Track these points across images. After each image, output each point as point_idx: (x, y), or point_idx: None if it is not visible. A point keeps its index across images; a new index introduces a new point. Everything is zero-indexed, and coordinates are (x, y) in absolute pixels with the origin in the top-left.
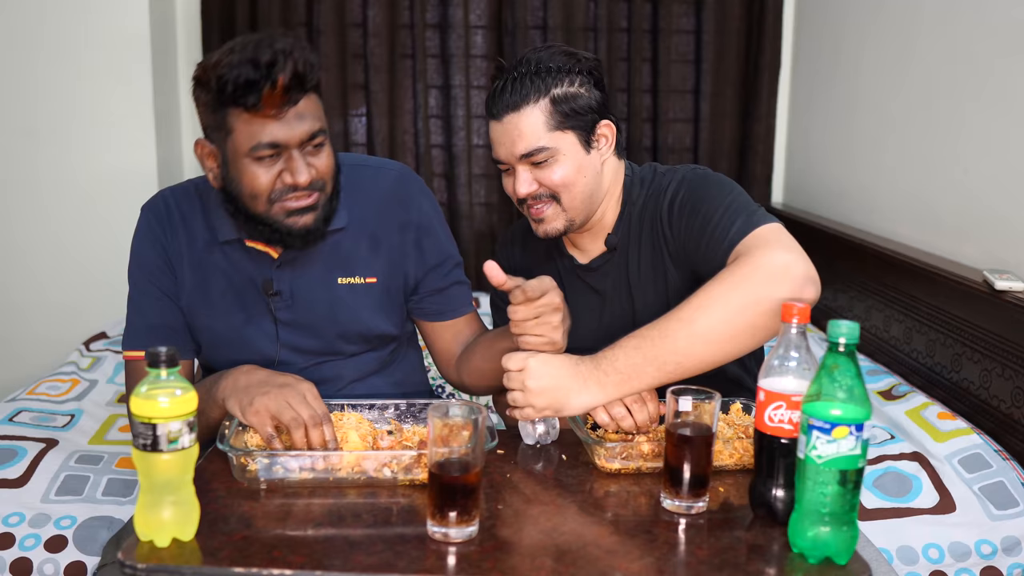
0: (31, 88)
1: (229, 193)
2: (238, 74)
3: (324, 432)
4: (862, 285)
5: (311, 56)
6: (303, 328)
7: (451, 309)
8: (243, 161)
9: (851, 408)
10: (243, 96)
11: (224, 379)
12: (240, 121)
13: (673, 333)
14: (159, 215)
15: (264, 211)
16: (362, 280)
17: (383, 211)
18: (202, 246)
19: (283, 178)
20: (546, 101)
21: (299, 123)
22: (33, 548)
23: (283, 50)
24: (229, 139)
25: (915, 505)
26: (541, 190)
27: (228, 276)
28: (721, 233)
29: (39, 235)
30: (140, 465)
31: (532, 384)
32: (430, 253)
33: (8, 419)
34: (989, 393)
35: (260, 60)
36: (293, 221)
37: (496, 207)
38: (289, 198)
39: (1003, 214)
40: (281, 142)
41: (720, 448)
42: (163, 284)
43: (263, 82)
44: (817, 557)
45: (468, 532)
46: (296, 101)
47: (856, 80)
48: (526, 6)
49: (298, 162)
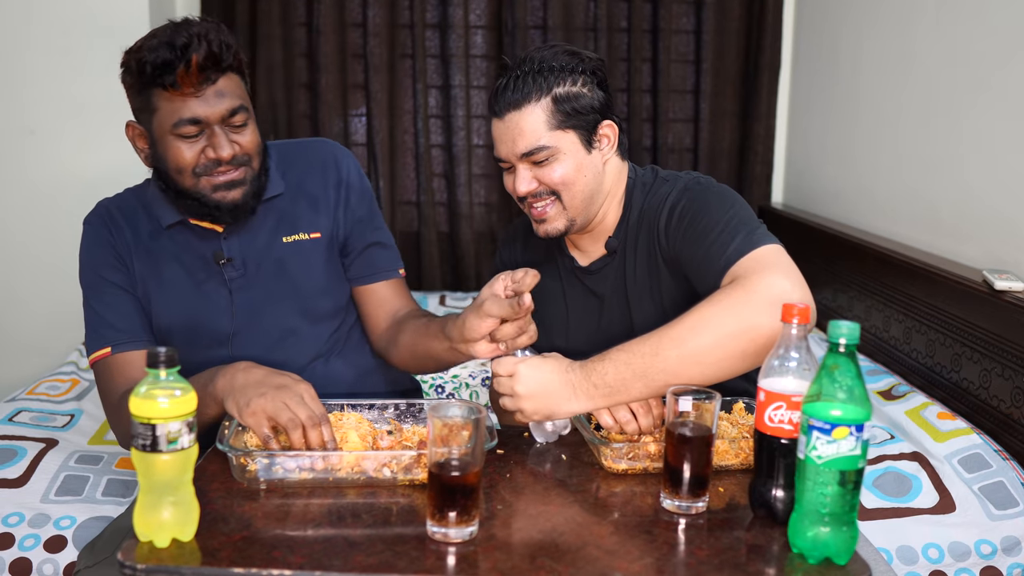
0: (30, 87)
1: (159, 171)
2: (156, 56)
3: (322, 433)
4: (862, 285)
5: (227, 38)
6: (257, 295)
7: (372, 272)
8: (168, 138)
9: (851, 408)
10: (161, 76)
11: (221, 376)
12: (162, 100)
13: (664, 351)
14: (102, 219)
15: (191, 185)
16: (307, 236)
17: (317, 173)
18: (147, 236)
19: (207, 153)
20: (548, 100)
21: (218, 100)
22: (33, 548)
23: (198, 33)
24: (154, 118)
25: (915, 505)
26: (541, 188)
27: (177, 258)
28: (718, 250)
29: (39, 235)
30: (139, 465)
31: (522, 389)
32: (355, 207)
33: (8, 419)
34: (989, 393)
35: (176, 43)
36: (221, 196)
37: (496, 207)
38: (215, 172)
39: (1003, 214)
40: (201, 118)
41: (726, 448)
42: (117, 279)
43: (178, 62)
44: (817, 557)
45: (468, 532)
46: (214, 80)
47: (856, 80)
48: (526, 6)
49: (220, 138)
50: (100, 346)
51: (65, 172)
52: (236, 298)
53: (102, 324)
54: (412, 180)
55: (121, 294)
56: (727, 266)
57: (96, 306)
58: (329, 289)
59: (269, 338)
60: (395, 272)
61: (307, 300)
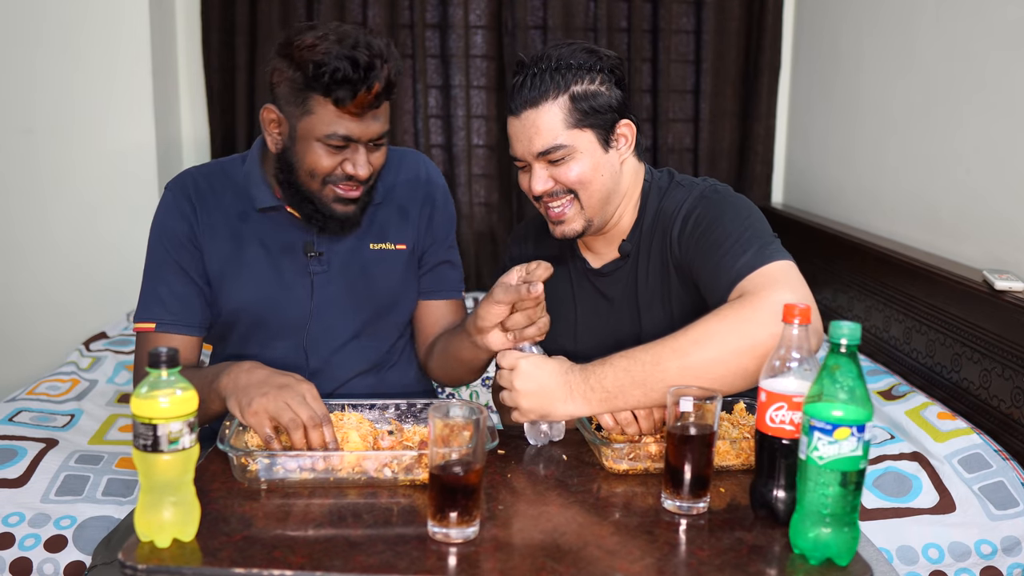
0: (31, 87)
1: (287, 161)
2: (336, 68)
3: (324, 433)
4: (862, 285)
5: (400, 64)
6: (336, 292)
7: (439, 289)
8: (312, 143)
9: (852, 409)
10: (336, 90)
11: (225, 374)
12: (322, 108)
13: (665, 362)
14: (186, 191)
15: (317, 189)
16: (393, 246)
17: (409, 186)
18: (236, 216)
19: (344, 167)
20: (565, 98)
21: (374, 123)
22: (33, 548)
23: (380, 55)
24: (306, 119)
25: (915, 505)
26: (558, 187)
27: (264, 243)
28: (729, 262)
29: (39, 235)
30: (140, 465)
31: (520, 385)
32: (437, 226)
33: (8, 419)
34: (989, 393)
35: (359, 60)
36: (339, 208)
37: (496, 207)
38: (342, 185)
39: (1003, 214)
40: (355, 137)
41: (727, 448)
42: (183, 258)
43: (360, 84)
44: (818, 558)
45: (469, 533)
46: (379, 106)
47: (856, 80)
48: (526, 6)
49: (362, 156)
50: (147, 319)
51: (65, 173)
52: (316, 292)
53: (155, 299)
54: None
55: (182, 275)
56: (737, 279)
57: (155, 277)
58: (403, 300)
59: (338, 338)
60: (458, 293)
61: (381, 307)
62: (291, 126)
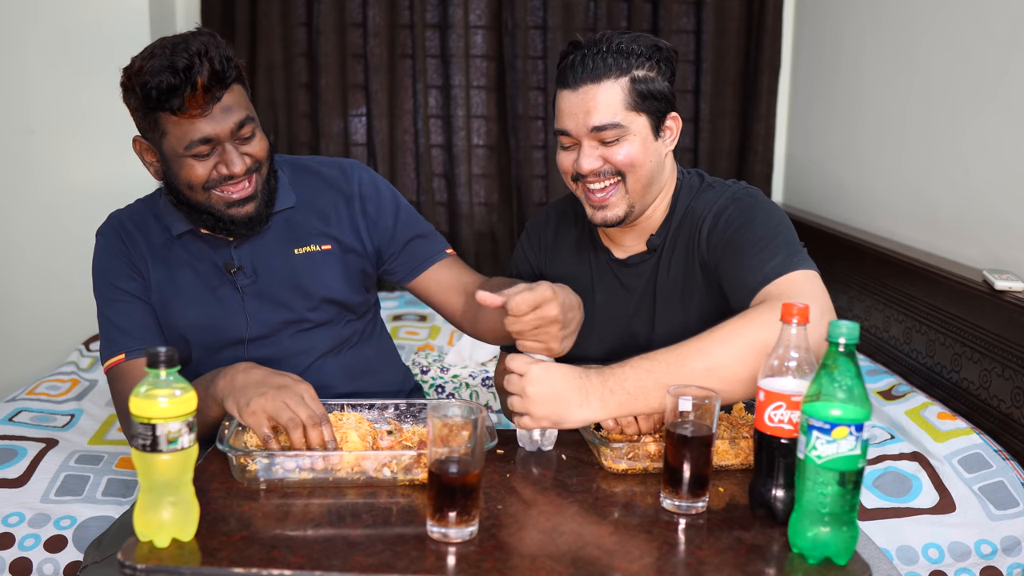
0: (30, 88)
1: (170, 184)
2: (160, 80)
3: (323, 433)
4: (862, 285)
5: (226, 51)
6: (268, 298)
7: (419, 263)
8: (180, 159)
9: (851, 408)
10: (167, 100)
11: (221, 377)
12: (170, 123)
13: (691, 363)
14: (115, 230)
15: (203, 199)
16: (317, 248)
17: (328, 190)
18: (161, 244)
19: (219, 169)
20: (626, 80)
21: (226, 116)
22: (33, 548)
23: (198, 51)
24: (164, 140)
25: (915, 505)
26: (605, 168)
27: (191, 265)
28: (757, 264)
29: (38, 235)
30: (140, 465)
31: (532, 391)
32: (375, 216)
33: (8, 419)
34: (989, 393)
35: (178, 65)
36: (235, 211)
37: (496, 207)
38: (226, 187)
39: (1003, 214)
40: (212, 136)
41: (726, 448)
42: (131, 287)
43: (184, 86)
44: (817, 557)
45: (468, 532)
46: (219, 97)
47: (856, 80)
48: (526, 6)
49: (231, 154)
50: (114, 353)
51: (66, 175)
52: (248, 304)
53: (115, 331)
54: (412, 180)
55: (134, 301)
56: (763, 283)
57: (110, 314)
58: (340, 290)
59: (281, 342)
60: (442, 254)
61: (321, 306)
62: (159, 150)
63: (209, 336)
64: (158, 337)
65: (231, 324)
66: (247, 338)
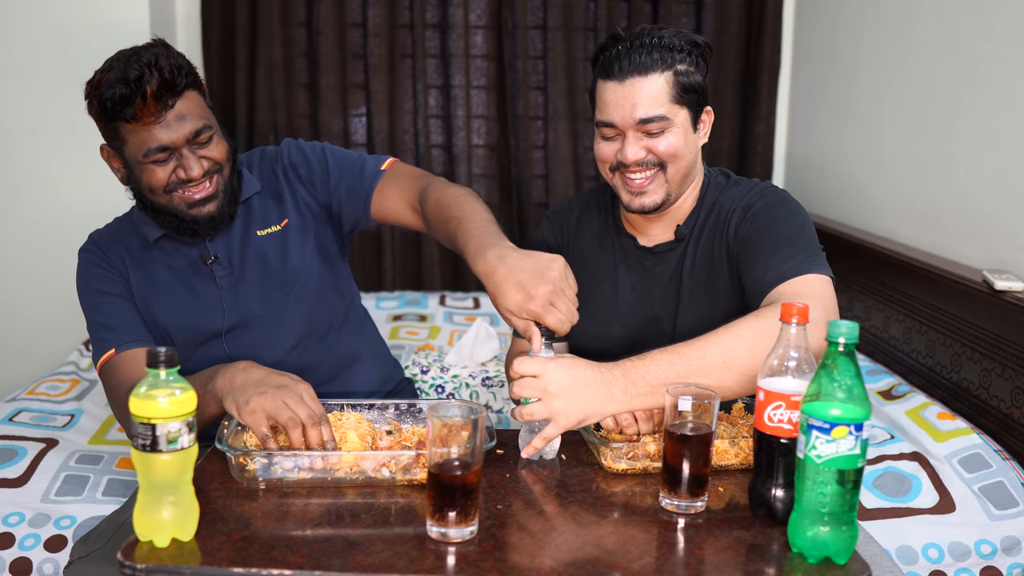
0: (31, 88)
1: (136, 189)
2: (113, 92)
3: (322, 432)
4: (862, 285)
5: (178, 60)
6: (243, 285)
7: (362, 198)
8: (141, 165)
9: (850, 408)
10: (121, 111)
11: (221, 375)
12: (128, 132)
13: (710, 355)
14: (96, 245)
15: (165, 202)
16: (277, 227)
17: (273, 172)
18: (139, 250)
19: (177, 173)
20: (670, 73)
21: (180, 124)
22: (33, 548)
23: (148, 62)
24: (125, 148)
25: (915, 505)
26: (649, 158)
27: (168, 265)
28: (776, 262)
29: (39, 234)
30: (139, 465)
31: (553, 388)
32: (307, 176)
33: (8, 419)
34: (989, 393)
35: (129, 76)
36: (196, 212)
37: (496, 207)
38: (187, 190)
39: (1003, 214)
40: (168, 144)
41: (726, 448)
42: (114, 289)
43: (134, 96)
44: (816, 557)
45: (467, 532)
46: (171, 105)
47: (856, 80)
48: (526, 6)
49: (189, 159)
50: (104, 350)
51: (65, 173)
52: (225, 295)
53: (103, 330)
54: None
55: (119, 300)
56: (780, 280)
57: (96, 317)
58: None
59: (261, 328)
60: (376, 178)
61: (286, 283)
62: (122, 158)
63: (189, 332)
64: (146, 331)
65: (208, 317)
66: (224, 329)
